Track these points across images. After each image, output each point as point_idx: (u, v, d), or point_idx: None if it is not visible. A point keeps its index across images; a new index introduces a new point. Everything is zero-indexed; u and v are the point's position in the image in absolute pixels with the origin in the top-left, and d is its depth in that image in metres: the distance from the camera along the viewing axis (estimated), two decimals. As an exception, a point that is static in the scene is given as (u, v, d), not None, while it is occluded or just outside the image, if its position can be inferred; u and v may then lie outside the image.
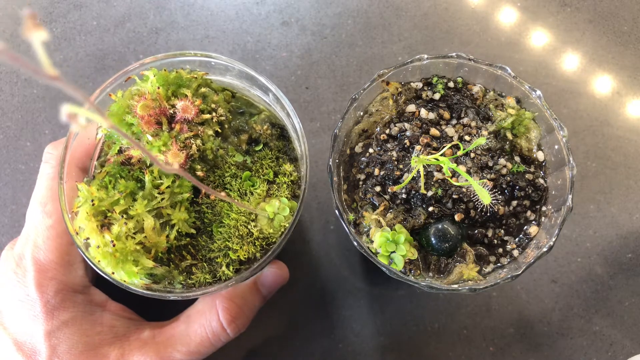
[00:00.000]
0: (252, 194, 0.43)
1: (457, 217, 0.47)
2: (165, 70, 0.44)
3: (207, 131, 0.42)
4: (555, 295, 0.59)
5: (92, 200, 0.39)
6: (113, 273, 0.39)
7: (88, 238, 0.39)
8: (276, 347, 0.58)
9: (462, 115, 0.51)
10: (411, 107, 0.52)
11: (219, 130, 0.44)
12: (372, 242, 0.46)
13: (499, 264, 0.47)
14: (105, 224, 0.39)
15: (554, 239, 0.44)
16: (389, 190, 0.48)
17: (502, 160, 0.48)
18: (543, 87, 0.69)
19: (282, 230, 0.42)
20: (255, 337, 0.58)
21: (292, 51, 0.73)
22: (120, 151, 0.43)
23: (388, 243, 0.45)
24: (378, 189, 0.48)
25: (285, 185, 0.43)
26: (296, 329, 0.58)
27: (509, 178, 0.48)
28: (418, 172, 0.46)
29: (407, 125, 0.51)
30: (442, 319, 0.58)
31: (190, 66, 0.46)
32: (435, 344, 0.57)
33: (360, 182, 0.49)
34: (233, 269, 0.42)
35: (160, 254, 0.40)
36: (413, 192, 0.47)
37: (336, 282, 0.60)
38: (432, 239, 0.46)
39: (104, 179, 0.41)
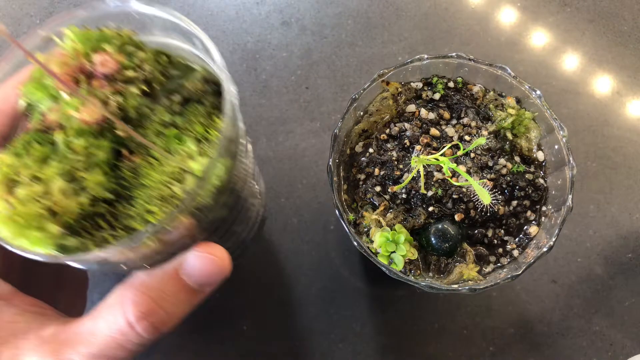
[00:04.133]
0: (179, 153, 0.38)
1: (457, 217, 0.47)
2: (86, 27, 0.40)
3: (132, 89, 0.38)
4: (555, 295, 0.59)
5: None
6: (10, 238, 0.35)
7: None
8: (276, 347, 0.58)
9: (462, 115, 0.51)
10: (411, 107, 0.52)
11: (146, 89, 0.40)
12: (372, 242, 0.46)
13: (499, 264, 0.47)
14: (12, 190, 0.35)
15: (554, 239, 0.44)
16: (389, 190, 0.48)
17: (502, 160, 0.48)
18: (543, 87, 0.69)
19: (213, 191, 0.36)
20: (255, 337, 0.58)
21: (292, 51, 0.73)
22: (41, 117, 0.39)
23: (388, 243, 0.45)
24: (378, 189, 0.48)
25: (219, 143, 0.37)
26: (296, 329, 0.58)
27: (509, 178, 0.48)
28: (418, 172, 0.46)
29: (407, 125, 0.51)
30: (442, 319, 0.58)
31: (116, 24, 0.42)
32: (435, 344, 0.57)
33: (360, 182, 0.49)
34: (155, 238, 0.35)
35: (72, 222, 0.36)
36: (413, 192, 0.47)
37: (336, 282, 0.60)
38: (432, 239, 0.46)
39: (19, 146, 0.37)
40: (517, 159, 0.50)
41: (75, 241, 0.36)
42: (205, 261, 0.38)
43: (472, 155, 0.49)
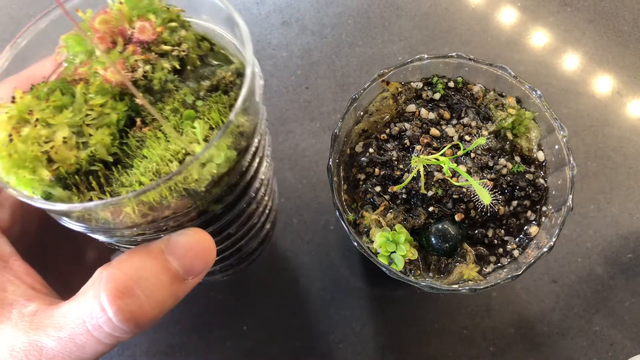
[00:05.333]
0: (187, 135, 0.37)
1: (457, 217, 0.47)
2: None
3: (163, 63, 0.39)
4: (555, 296, 0.59)
5: (13, 98, 0.35)
6: None
7: None
8: (276, 347, 0.58)
9: (463, 115, 0.51)
10: (411, 107, 0.52)
11: (178, 67, 0.40)
12: (372, 242, 0.46)
13: (499, 264, 0.47)
14: (20, 128, 0.34)
15: (554, 239, 0.44)
16: (389, 190, 0.48)
17: (502, 160, 0.48)
18: (543, 87, 0.69)
19: (209, 179, 0.35)
20: (256, 337, 0.58)
21: (292, 51, 0.73)
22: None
23: (388, 243, 0.45)
24: (378, 189, 0.48)
25: (231, 134, 0.36)
26: (296, 329, 0.58)
27: (509, 178, 0.48)
28: (418, 172, 0.46)
29: (407, 125, 0.51)
30: (442, 319, 0.58)
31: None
32: (435, 344, 0.57)
33: (360, 182, 0.49)
34: (138, 211, 0.34)
35: (65, 174, 0.36)
36: (413, 192, 0.47)
37: (336, 282, 0.60)
38: (432, 239, 0.46)
39: (42, 90, 0.37)
40: (517, 159, 0.50)
41: (62, 193, 0.35)
42: (191, 239, 0.35)
43: (472, 155, 0.49)
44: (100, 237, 0.38)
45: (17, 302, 0.35)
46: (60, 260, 0.46)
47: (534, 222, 0.48)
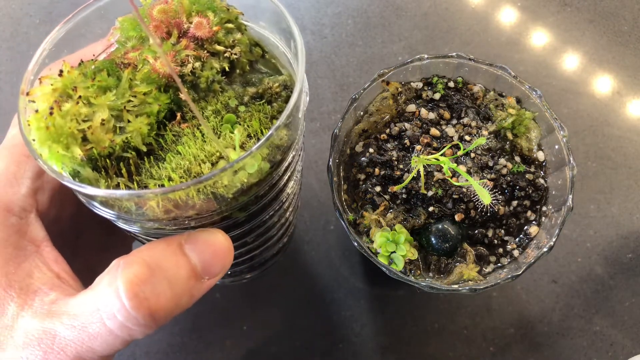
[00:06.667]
0: (225, 139, 0.37)
1: (457, 217, 0.47)
2: None
3: (213, 62, 0.39)
4: (555, 296, 0.59)
5: (61, 72, 0.35)
6: (34, 141, 0.33)
7: (34, 102, 0.34)
8: (276, 347, 0.58)
9: (462, 115, 0.51)
10: (411, 107, 0.52)
11: (227, 69, 0.40)
12: (372, 242, 0.46)
13: (499, 264, 0.47)
14: (61, 102, 0.34)
15: (554, 239, 0.44)
16: (389, 190, 0.48)
17: (502, 160, 0.48)
18: (543, 87, 0.69)
19: (238, 187, 0.35)
20: (255, 337, 0.58)
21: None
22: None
23: (388, 243, 0.45)
24: (378, 189, 0.48)
25: (268, 146, 0.36)
26: (296, 329, 0.58)
27: (509, 178, 0.48)
28: (418, 172, 0.46)
29: (407, 125, 0.51)
30: (442, 319, 0.58)
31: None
32: (435, 344, 0.57)
33: (360, 182, 0.49)
34: (162, 207, 0.33)
35: (97, 155, 0.35)
36: (413, 192, 0.47)
37: (336, 282, 0.60)
38: (432, 239, 0.46)
39: (90, 68, 0.37)
40: (517, 159, 0.50)
41: (91, 174, 0.35)
42: (212, 238, 0.34)
43: (472, 155, 0.49)
44: (123, 225, 0.37)
45: (41, 290, 0.35)
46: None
47: (534, 222, 0.48)
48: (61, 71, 0.35)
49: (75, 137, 0.34)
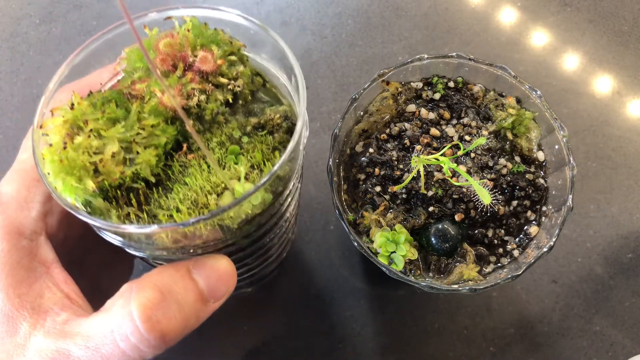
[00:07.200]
0: (229, 170, 0.38)
1: (457, 217, 0.47)
2: (206, 24, 0.41)
3: (217, 95, 0.40)
4: (555, 295, 0.59)
5: (72, 105, 0.36)
6: (49, 174, 0.35)
7: (48, 135, 0.35)
8: (276, 347, 0.58)
9: (462, 115, 0.51)
10: (411, 107, 0.52)
11: (230, 100, 0.41)
12: (372, 242, 0.46)
13: (499, 264, 0.47)
14: (73, 135, 0.35)
15: (554, 239, 0.44)
16: (389, 190, 0.48)
17: (502, 160, 0.48)
18: (543, 87, 0.69)
19: (242, 218, 0.36)
20: (255, 337, 0.58)
21: (292, 51, 0.73)
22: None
23: (388, 243, 0.45)
24: (378, 189, 0.48)
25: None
26: (296, 329, 0.58)
27: (509, 178, 0.48)
28: (418, 172, 0.46)
29: (407, 125, 0.51)
30: (442, 319, 0.58)
31: (231, 32, 0.43)
32: (435, 344, 0.57)
33: (360, 182, 0.49)
34: (171, 238, 0.35)
35: (108, 186, 0.37)
36: (413, 192, 0.47)
37: (336, 282, 0.60)
38: (432, 239, 0.46)
39: (98, 99, 0.38)
40: (517, 159, 0.50)
41: (102, 204, 0.36)
42: (217, 264, 0.37)
43: (472, 155, 0.49)
44: (132, 251, 0.39)
45: (52, 310, 0.36)
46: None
47: (534, 222, 0.48)
48: (72, 104, 0.37)
49: (87, 170, 0.35)
